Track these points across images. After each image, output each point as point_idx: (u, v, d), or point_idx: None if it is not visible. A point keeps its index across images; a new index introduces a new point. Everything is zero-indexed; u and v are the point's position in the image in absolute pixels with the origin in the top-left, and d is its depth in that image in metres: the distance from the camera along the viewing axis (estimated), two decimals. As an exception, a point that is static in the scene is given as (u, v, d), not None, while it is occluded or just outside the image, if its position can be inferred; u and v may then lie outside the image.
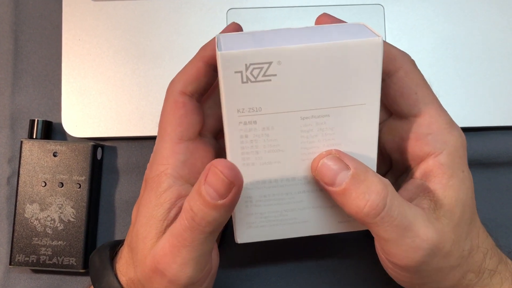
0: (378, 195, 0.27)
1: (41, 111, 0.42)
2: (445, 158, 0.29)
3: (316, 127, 0.28)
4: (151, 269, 0.29)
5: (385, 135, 0.32)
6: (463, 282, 0.31)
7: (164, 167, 0.30)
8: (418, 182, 0.30)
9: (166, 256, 0.28)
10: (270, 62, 0.26)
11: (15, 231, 0.39)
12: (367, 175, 0.27)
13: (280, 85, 0.27)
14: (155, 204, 0.30)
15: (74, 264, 0.39)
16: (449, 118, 0.30)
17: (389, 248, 0.28)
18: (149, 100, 0.40)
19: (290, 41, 0.27)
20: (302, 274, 0.40)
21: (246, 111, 0.27)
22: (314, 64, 0.26)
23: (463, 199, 0.29)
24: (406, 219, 0.27)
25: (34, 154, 0.39)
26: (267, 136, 0.28)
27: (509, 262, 0.33)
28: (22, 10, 0.43)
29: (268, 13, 0.41)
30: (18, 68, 0.42)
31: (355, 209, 0.27)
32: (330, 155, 0.28)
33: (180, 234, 0.28)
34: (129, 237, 0.32)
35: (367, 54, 0.26)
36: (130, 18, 0.41)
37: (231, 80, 0.26)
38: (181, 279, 0.28)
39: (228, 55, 0.26)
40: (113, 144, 0.42)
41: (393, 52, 0.30)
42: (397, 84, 0.30)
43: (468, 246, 0.30)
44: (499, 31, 0.41)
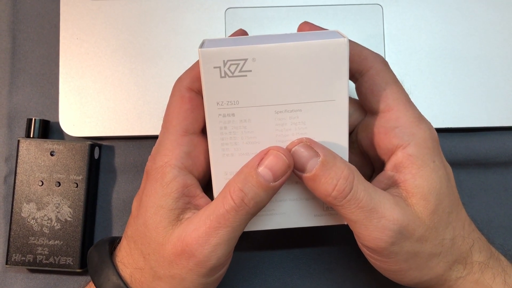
0: (345, 179, 0.29)
1: (38, 110, 0.42)
2: (413, 149, 0.30)
3: (290, 121, 0.30)
4: (174, 253, 0.30)
5: (361, 132, 0.34)
6: (451, 274, 0.31)
7: (168, 158, 0.31)
8: (389, 174, 0.31)
9: (200, 237, 0.29)
10: (246, 59, 0.28)
11: (12, 231, 0.39)
12: (335, 161, 0.29)
13: (255, 80, 0.29)
14: (162, 194, 0.30)
15: (70, 264, 0.39)
16: (418, 113, 0.31)
17: (359, 230, 0.29)
18: (146, 100, 0.40)
19: (265, 42, 0.29)
20: (290, 262, 0.41)
21: (225, 104, 0.29)
22: (285, 62, 0.29)
23: (437, 188, 0.30)
24: (372, 201, 0.29)
25: (31, 153, 0.39)
26: (245, 128, 0.30)
27: (501, 258, 0.33)
28: (20, 9, 0.43)
29: (266, 12, 0.41)
30: (15, 67, 0.42)
31: (324, 193, 0.29)
32: (301, 143, 0.30)
33: (223, 215, 0.29)
34: (130, 229, 0.32)
35: (334, 53, 0.29)
36: (128, 17, 0.41)
37: (210, 75, 0.29)
38: (210, 260, 0.29)
39: (207, 51, 0.28)
40: (110, 143, 0.42)
41: (365, 53, 0.32)
42: (368, 82, 0.32)
43: (449, 235, 0.31)
44: (496, 32, 0.41)
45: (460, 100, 0.40)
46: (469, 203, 0.41)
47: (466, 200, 0.41)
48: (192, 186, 0.31)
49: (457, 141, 0.41)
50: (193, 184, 0.31)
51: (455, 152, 0.40)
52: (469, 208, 0.40)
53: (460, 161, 0.41)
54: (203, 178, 0.32)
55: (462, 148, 0.40)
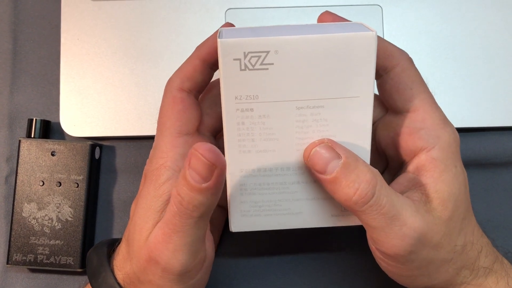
0: (367, 184, 0.28)
1: (39, 111, 0.42)
2: (438, 152, 0.30)
3: (311, 117, 0.29)
4: (145, 259, 0.29)
5: (381, 130, 0.33)
6: (457, 279, 0.31)
7: (164, 160, 0.30)
8: (411, 176, 0.30)
9: (159, 243, 0.29)
10: (268, 51, 0.27)
11: (13, 230, 0.39)
12: (357, 164, 0.28)
13: (277, 74, 0.27)
14: (153, 195, 0.30)
15: (71, 264, 0.39)
16: (443, 115, 0.31)
17: (378, 237, 0.29)
18: (147, 100, 0.40)
19: (288, 32, 0.27)
20: (296, 266, 0.41)
21: (244, 98, 0.28)
22: (309, 55, 0.27)
23: (456, 194, 0.30)
24: (394, 208, 0.28)
25: (32, 153, 0.39)
26: (263, 124, 0.29)
27: (505, 261, 0.33)
28: (21, 10, 0.43)
29: (266, 13, 0.41)
30: (16, 68, 0.42)
31: (345, 197, 0.28)
32: (323, 144, 0.29)
33: (170, 220, 0.28)
34: (127, 231, 0.32)
35: (361, 47, 0.27)
36: (129, 18, 0.41)
37: (230, 67, 0.27)
38: (174, 266, 0.29)
39: (227, 42, 0.27)
40: (111, 143, 0.42)
41: (391, 49, 0.31)
42: (393, 79, 0.31)
43: (461, 241, 0.30)
44: (496, 32, 0.41)
45: (460, 100, 0.40)
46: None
47: (466, 200, 0.41)
48: None
49: (458, 141, 0.41)
50: None
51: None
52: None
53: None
54: None
55: (462, 148, 0.40)
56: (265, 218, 0.31)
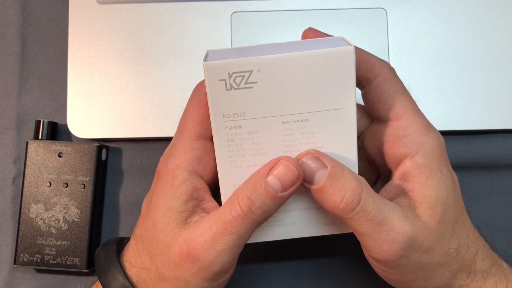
0: (353, 191, 0.28)
1: (47, 112, 0.42)
2: (421, 158, 0.30)
3: (297, 130, 0.30)
4: (179, 256, 0.30)
5: (368, 140, 0.33)
6: (455, 283, 0.31)
7: (180, 161, 0.31)
8: (397, 183, 0.31)
9: (206, 242, 0.29)
10: (251, 71, 0.28)
11: (20, 231, 0.39)
12: (343, 173, 0.29)
13: (261, 92, 0.29)
14: (172, 196, 0.30)
15: (78, 264, 0.39)
16: (426, 121, 0.31)
17: (367, 243, 0.29)
18: (153, 102, 0.41)
19: (270, 52, 0.29)
20: (300, 271, 0.41)
21: (231, 116, 0.29)
22: (291, 72, 0.28)
23: (444, 198, 0.30)
24: (381, 213, 0.28)
25: (39, 154, 0.40)
26: (252, 139, 0.30)
27: (504, 265, 0.33)
28: (29, 13, 0.43)
29: (271, 16, 0.41)
30: (24, 70, 0.43)
31: (332, 205, 0.29)
32: (309, 155, 0.30)
33: (230, 222, 0.29)
34: (139, 229, 0.33)
35: (340, 61, 0.28)
36: (135, 21, 0.41)
37: (216, 88, 0.28)
38: (215, 266, 0.29)
39: (212, 64, 0.28)
40: (117, 145, 0.42)
41: (372, 60, 0.32)
42: (375, 90, 0.31)
43: (455, 244, 0.31)
44: (500, 35, 0.41)
45: (464, 103, 0.40)
46: (472, 206, 0.41)
47: (470, 203, 0.41)
48: (201, 190, 0.31)
49: (461, 143, 0.41)
50: (202, 188, 0.31)
51: (459, 155, 0.41)
52: (472, 211, 0.40)
53: (464, 164, 0.41)
54: (213, 183, 0.32)
55: (465, 151, 0.41)
56: (260, 230, 0.32)
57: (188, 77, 0.41)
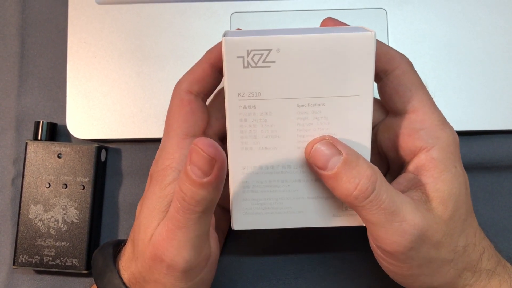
0: (368, 179, 0.28)
1: (46, 113, 0.42)
2: (437, 152, 0.30)
3: (312, 115, 0.29)
4: (150, 258, 0.30)
5: (382, 133, 0.33)
6: (459, 281, 0.31)
7: (169, 161, 0.31)
8: (410, 176, 0.31)
9: (163, 240, 0.29)
10: (270, 50, 0.28)
11: (19, 232, 0.39)
12: (358, 161, 0.29)
13: (279, 72, 0.28)
14: (159, 196, 0.30)
15: (77, 265, 0.39)
16: (442, 116, 0.31)
17: (378, 232, 0.29)
18: (153, 103, 0.41)
19: (290, 32, 0.28)
20: (301, 267, 0.41)
21: (246, 95, 0.29)
22: (310, 54, 0.28)
23: (456, 194, 0.30)
24: (394, 203, 0.28)
25: (38, 155, 0.40)
26: (265, 121, 0.29)
27: (508, 265, 0.33)
28: (28, 14, 0.43)
29: (272, 17, 0.41)
30: (24, 71, 0.43)
31: (345, 192, 0.28)
32: (324, 141, 0.29)
33: (174, 217, 0.28)
34: (132, 232, 0.33)
35: (360, 47, 0.28)
36: (135, 22, 0.41)
37: (233, 65, 0.28)
38: (178, 263, 0.29)
39: (231, 40, 0.28)
40: (117, 146, 0.42)
41: (391, 53, 0.32)
42: (393, 82, 0.31)
43: (462, 242, 0.30)
44: (500, 36, 0.41)
45: (464, 103, 0.40)
46: (474, 207, 0.41)
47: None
48: None
49: (461, 144, 0.40)
50: None
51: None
52: (474, 212, 0.40)
53: (465, 165, 0.40)
54: None
55: (466, 152, 0.40)
56: (267, 216, 0.31)
57: (187, 78, 0.41)
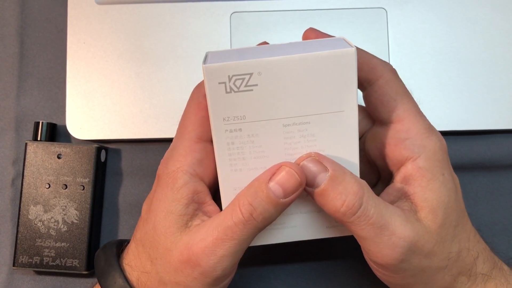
0: (355, 195, 0.28)
1: (45, 114, 0.42)
2: (423, 161, 0.30)
3: (298, 133, 0.29)
4: (180, 261, 0.30)
5: (369, 142, 0.33)
6: (455, 286, 0.31)
7: (180, 164, 0.31)
8: (399, 186, 0.31)
9: (206, 248, 0.29)
10: (251, 73, 0.28)
11: (19, 233, 0.39)
12: (344, 176, 0.29)
13: (262, 94, 0.28)
14: (172, 199, 0.30)
15: (77, 266, 0.39)
16: (428, 124, 0.31)
17: (368, 247, 0.29)
18: (153, 103, 0.41)
19: (270, 54, 0.28)
20: (301, 274, 0.41)
21: (231, 119, 0.29)
22: (292, 74, 0.28)
23: (445, 202, 0.30)
24: (382, 218, 0.28)
25: (38, 156, 0.40)
26: (253, 142, 0.29)
27: (504, 268, 0.33)
28: (28, 14, 0.43)
29: (271, 16, 0.41)
30: (23, 71, 0.43)
31: (333, 209, 0.29)
32: (310, 158, 0.29)
33: (231, 228, 0.29)
34: (139, 232, 0.32)
35: (341, 63, 0.28)
36: (135, 22, 0.41)
37: (215, 91, 0.28)
38: (216, 271, 0.29)
39: (212, 67, 0.28)
40: (117, 146, 0.42)
41: (374, 62, 0.31)
42: (377, 92, 0.31)
43: (456, 248, 0.30)
44: (501, 35, 0.41)
45: (464, 103, 0.40)
46: (473, 207, 0.41)
47: (471, 204, 0.41)
48: (202, 193, 0.31)
49: (462, 144, 0.41)
50: (203, 191, 0.31)
51: (460, 155, 0.40)
52: (473, 212, 0.40)
53: (465, 164, 0.41)
54: (213, 185, 0.32)
55: (466, 151, 0.40)
56: (261, 233, 0.31)
57: (187, 78, 0.41)
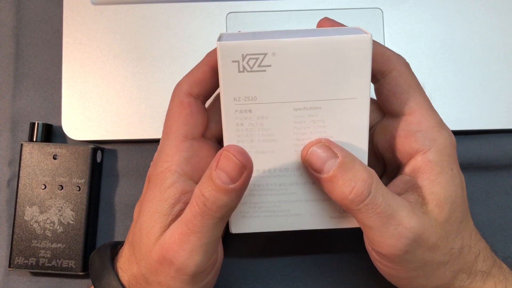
0: (364, 182, 0.28)
1: (41, 114, 0.42)
2: (433, 155, 0.30)
3: (309, 118, 0.29)
4: (157, 261, 0.30)
5: (378, 134, 0.33)
6: (455, 283, 0.31)
7: (169, 164, 0.31)
8: (407, 178, 0.31)
9: (175, 244, 0.29)
10: (265, 53, 0.27)
11: (15, 234, 0.39)
12: (354, 163, 0.28)
13: (274, 76, 0.28)
14: (159, 199, 0.30)
15: (73, 267, 0.39)
16: (439, 118, 0.31)
17: (373, 236, 0.29)
18: (148, 103, 0.40)
19: (286, 36, 0.28)
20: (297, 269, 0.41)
21: (242, 100, 0.28)
22: (306, 57, 0.28)
23: (452, 197, 0.30)
24: (389, 207, 0.28)
25: (34, 156, 0.40)
26: (262, 125, 0.29)
27: (503, 266, 0.33)
28: (23, 14, 0.43)
29: (267, 17, 0.41)
30: (19, 72, 0.42)
31: (341, 196, 0.28)
32: (320, 143, 0.29)
33: (191, 221, 0.28)
34: (130, 234, 0.32)
35: (357, 49, 0.28)
36: (130, 22, 0.41)
37: (228, 69, 0.28)
38: (189, 267, 0.29)
39: (226, 45, 0.27)
40: (113, 147, 0.42)
41: (388, 54, 0.31)
42: (390, 83, 0.31)
43: (458, 244, 0.30)
44: (497, 35, 0.41)
45: (461, 103, 0.40)
46: (470, 206, 0.40)
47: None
48: (190, 192, 0.30)
49: (458, 144, 0.40)
50: (192, 191, 0.31)
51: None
52: (469, 211, 0.40)
53: (461, 164, 0.40)
54: None
55: (462, 151, 0.41)
56: (265, 219, 0.31)
57: (183, 78, 0.41)
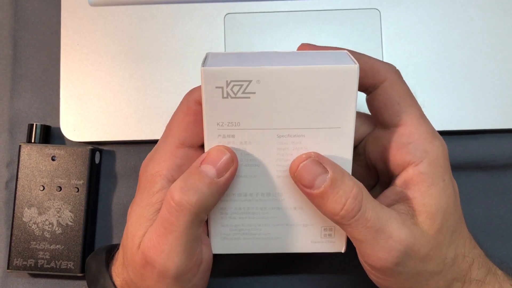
0: (354, 199, 0.28)
1: (39, 116, 0.42)
2: (425, 167, 0.30)
3: (292, 146, 0.29)
4: (141, 265, 0.29)
5: (370, 145, 0.33)
6: None
7: (160, 167, 0.30)
8: (398, 190, 0.31)
9: (153, 246, 0.29)
10: (250, 81, 0.27)
11: (13, 235, 0.39)
12: (343, 179, 0.28)
13: (259, 103, 0.28)
14: (147, 203, 0.30)
15: (71, 268, 0.39)
16: (431, 128, 0.31)
17: (364, 250, 0.29)
18: (146, 104, 0.40)
19: (271, 62, 0.28)
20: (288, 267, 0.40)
21: (226, 125, 0.28)
22: (291, 86, 0.27)
23: (444, 207, 0.30)
24: (379, 221, 0.28)
25: (32, 158, 0.40)
26: (245, 150, 0.29)
27: (498, 272, 0.33)
28: (21, 16, 0.43)
29: (265, 18, 0.41)
30: (17, 73, 0.42)
31: (332, 212, 0.28)
32: (310, 158, 0.29)
33: (167, 220, 0.28)
34: (123, 237, 0.32)
35: (343, 80, 0.27)
36: (128, 23, 0.41)
37: (212, 95, 0.28)
38: (169, 269, 0.29)
39: (210, 71, 0.27)
40: (111, 148, 0.42)
41: (377, 65, 0.31)
42: (381, 95, 0.31)
43: (452, 254, 0.30)
44: (494, 35, 0.41)
45: (458, 102, 0.40)
46: (467, 206, 0.41)
47: (465, 203, 0.41)
48: None
49: (455, 143, 0.41)
50: None
51: (453, 155, 0.40)
52: (467, 211, 0.40)
53: (458, 164, 0.41)
54: None
55: (460, 151, 0.41)
56: (245, 241, 0.31)
57: (181, 79, 0.41)
